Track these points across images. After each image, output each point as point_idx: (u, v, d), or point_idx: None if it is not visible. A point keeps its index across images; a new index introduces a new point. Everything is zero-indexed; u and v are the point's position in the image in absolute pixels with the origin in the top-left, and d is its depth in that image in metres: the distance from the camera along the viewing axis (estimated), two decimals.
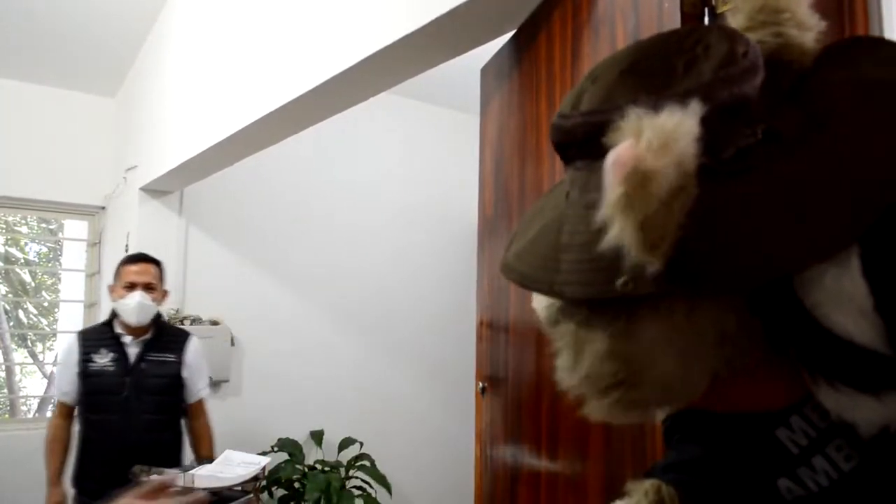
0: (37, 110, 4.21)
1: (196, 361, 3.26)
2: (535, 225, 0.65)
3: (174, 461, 3.08)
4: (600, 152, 0.53)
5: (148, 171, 4.01)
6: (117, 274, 3.16)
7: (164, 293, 3.23)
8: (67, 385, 3.07)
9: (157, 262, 3.24)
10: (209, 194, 4.33)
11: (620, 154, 0.48)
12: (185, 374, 3.18)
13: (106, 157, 4.55)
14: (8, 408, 7.75)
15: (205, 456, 3.18)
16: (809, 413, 0.58)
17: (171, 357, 3.15)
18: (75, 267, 4.67)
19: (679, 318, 0.54)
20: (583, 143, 0.58)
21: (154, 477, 2.60)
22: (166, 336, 3.21)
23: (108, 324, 3.14)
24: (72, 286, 4.70)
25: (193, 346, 3.27)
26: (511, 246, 0.67)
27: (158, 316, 3.20)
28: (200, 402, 3.29)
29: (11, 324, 8.11)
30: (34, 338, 8.59)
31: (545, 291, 0.59)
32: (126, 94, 4.54)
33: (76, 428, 3.11)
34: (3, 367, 8.03)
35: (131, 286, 3.05)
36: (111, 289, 3.19)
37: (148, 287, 3.08)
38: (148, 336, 3.12)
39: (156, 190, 4.17)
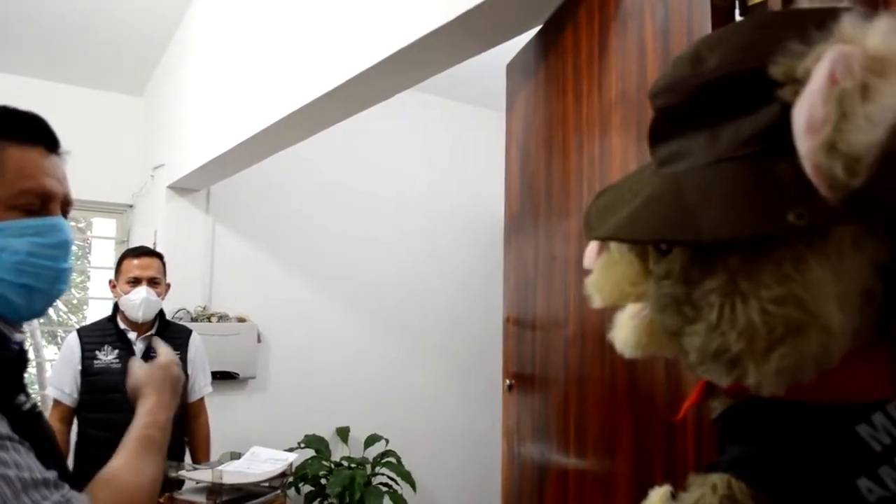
0: (65, 109, 4.22)
1: (199, 358, 3.20)
2: (628, 201, 0.64)
3: (179, 459, 2.99)
4: (745, 97, 0.55)
5: (175, 170, 4.04)
6: (119, 269, 3.05)
7: (167, 286, 3.14)
8: (68, 385, 2.93)
9: (159, 255, 3.14)
10: (236, 192, 4.36)
11: (847, 50, 0.48)
12: (189, 370, 3.11)
13: (134, 155, 4.61)
14: (40, 402, 7.85)
15: (203, 459, 3.13)
16: (894, 412, 0.57)
17: (175, 354, 3.05)
18: (104, 264, 4.72)
19: (841, 262, 0.54)
20: (718, 94, 0.58)
21: (183, 473, 2.62)
22: (169, 332, 3.10)
23: (111, 320, 3.05)
24: (100, 283, 4.75)
25: (196, 343, 3.20)
26: (602, 223, 0.65)
27: (161, 311, 3.11)
28: (201, 401, 3.23)
29: (42, 321, 8.21)
30: (64, 334, 8.70)
31: (690, 238, 0.56)
32: (153, 93, 4.58)
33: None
34: (35, 363, 8.14)
35: (135, 281, 2.96)
36: (112, 284, 3.08)
37: (152, 281, 2.99)
38: (152, 332, 3.03)
39: (183, 188, 4.21)
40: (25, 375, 1.06)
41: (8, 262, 0.96)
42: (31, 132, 1.03)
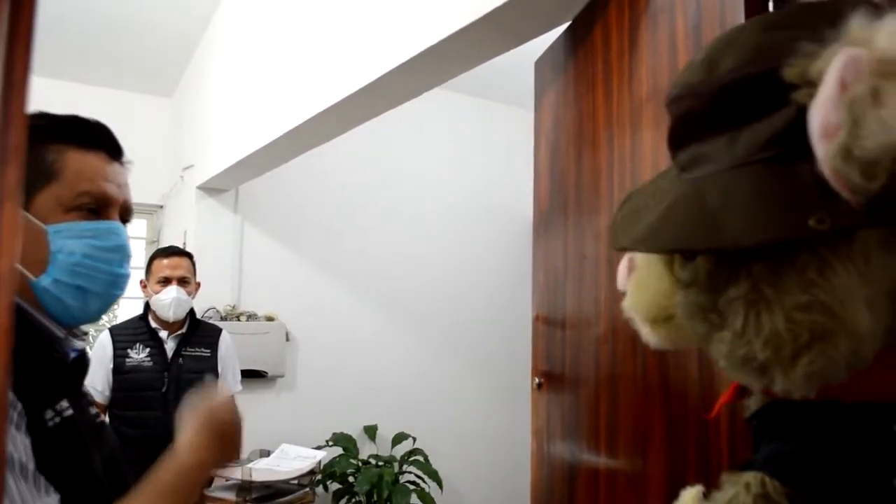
0: (96, 111, 4.19)
1: (229, 357, 3.24)
2: (652, 208, 0.64)
3: None
4: (761, 100, 0.55)
5: (204, 170, 4.07)
6: (150, 269, 3.12)
7: (198, 285, 3.19)
8: (100, 383, 2.95)
9: (189, 255, 3.20)
10: (264, 192, 4.38)
11: (856, 54, 0.48)
12: (219, 369, 3.15)
13: (163, 156, 4.65)
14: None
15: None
16: None
17: (205, 352, 3.11)
18: (134, 264, 4.75)
19: (867, 265, 0.53)
20: (735, 98, 0.57)
21: (213, 470, 2.64)
22: (200, 331, 3.17)
23: (143, 318, 3.10)
24: (132, 283, 4.79)
25: (226, 341, 3.25)
26: (627, 232, 0.66)
27: (191, 310, 3.15)
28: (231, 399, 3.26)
29: None
30: (96, 333, 8.80)
31: (712, 246, 0.56)
32: (182, 94, 4.62)
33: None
34: None
35: (166, 281, 3.02)
36: (143, 284, 3.13)
37: (182, 281, 3.04)
38: (183, 331, 3.08)
39: (212, 188, 4.24)
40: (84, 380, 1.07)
41: (64, 262, 0.97)
42: (92, 137, 1.06)
